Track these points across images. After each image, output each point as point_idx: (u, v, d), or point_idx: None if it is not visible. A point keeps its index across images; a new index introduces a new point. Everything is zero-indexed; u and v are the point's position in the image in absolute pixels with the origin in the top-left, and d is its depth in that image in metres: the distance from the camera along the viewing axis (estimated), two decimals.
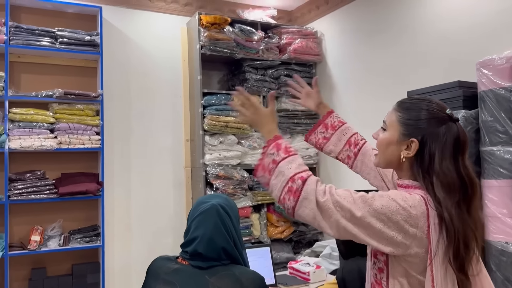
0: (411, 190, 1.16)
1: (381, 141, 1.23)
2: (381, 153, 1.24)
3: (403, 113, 1.20)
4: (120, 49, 3.70)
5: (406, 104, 1.22)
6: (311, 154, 3.99)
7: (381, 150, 1.23)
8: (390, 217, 1.07)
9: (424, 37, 3.03)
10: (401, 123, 1.20)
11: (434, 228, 1.08)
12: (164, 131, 3.86)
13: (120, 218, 3.63)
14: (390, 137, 1.21)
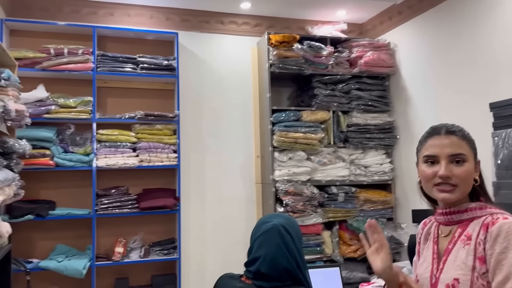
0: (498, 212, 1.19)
1: (467, 174, 1.21)
2: (464, 186, 1.22)
3: (469, 140, 1.26)
4: (194, 71, 3.90)
5: (463, 131, 1.27)
6: (385, 170, 3.85)
7: (464, 183, 1.22)
8: None
9: (504, 46, 2.81)
10: (472, 149, 1.25)
11: None
12: (236, 148, 3.96)
13: (196, 232, 3.77)
14: (472, 167, 1.23)
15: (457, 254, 1.20)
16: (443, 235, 1.29)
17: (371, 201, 3.75)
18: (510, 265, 1.07)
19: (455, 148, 1.22)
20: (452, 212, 1.25)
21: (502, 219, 1.14)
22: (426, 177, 1.26)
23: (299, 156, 3.56)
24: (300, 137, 3.54)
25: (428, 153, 1.26)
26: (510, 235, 1.09)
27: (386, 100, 3.92)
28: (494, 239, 1.12)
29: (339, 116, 3.78)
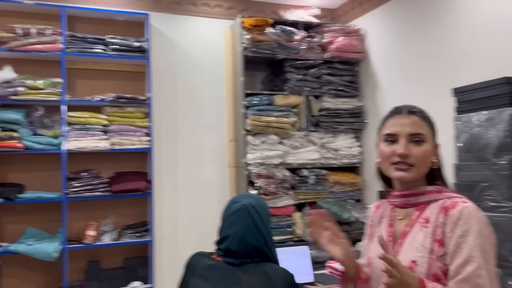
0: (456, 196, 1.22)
1: (425, 154, 1.21)
2: (420, 166, 1.22)
3: (429, 121, 1.28)
4: (166, 53, 3.87)
5: (423, 112, 1.29)
6: (354, 153, 3.95)
7: (421, 163, 1.22)
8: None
9: (471, 33, 2.92)
10: (432, 131, 1.26)
11: None
12: (209, 131, 3.98)
13: (169, 214, 3.80)
14: (430, 148, 1.24)
15: (414, 237, 1.19)
16: (399, 217, 1.28)
17: (341, 183, 3.86)
18: (470, 248, 1.08)
19: (415, 127, 1.23)
20: (409, 195, 1.24)
21: (462, 203, 1.16)
22: (385, 155, 1.25)
23: (272, 140, 3.62)
24: (273, 121, 3.58)
25: (389, 131, 1.26)
26: (470, 219, 1.11)
27: (356, 85, 4.01)
28: (454, 222, 1.12)
29: (311, 101, 3.84)
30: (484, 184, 2.38)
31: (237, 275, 1.39)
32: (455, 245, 1.10)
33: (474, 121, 2.50)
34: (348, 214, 3.70)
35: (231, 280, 1.38)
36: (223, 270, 1.42)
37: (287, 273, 1.39)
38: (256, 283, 1.36)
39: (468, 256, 1.08)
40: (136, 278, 3.44)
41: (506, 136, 2.30)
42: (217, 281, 1.40)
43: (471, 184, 2.44)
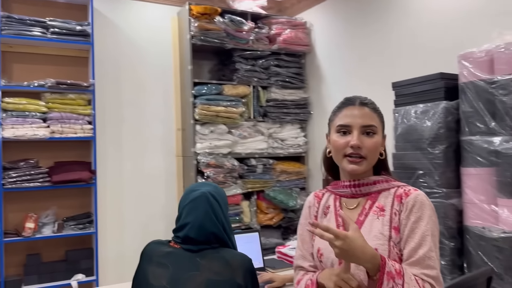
0: (404, 184, 1.28)
1: (376, 146, 1.25)
2: (371, 158, 1.25)
3: (379, 114, 1.30)
4: (111, 39, 3.74)
5: (374, 104, 1.31)
6: (300, 143, 4.08)
7: (372, 155, 1.25)
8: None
9: (409, 29, 3.11)
10: (382, 123, 1.30)
11: None
12: (156, 120, 3.92)
13: (113, 205, 3.71)
14: (380, 140, 1.27)
15: (371, 225, 1.22)
16: (350, 207, 1.29)
17: (287, 172, 3.97)
18: (422, 233, 1.15)
19: (367, 119, 1.25)
20: (360, 185, 1.27)
21: (413, 191, 1.22)
22: (338, 147, 1.26)
23: (221, 130, 3.64)
24: (222, 111, 3.60)
25: (342, 122, 1.26)
26: (423, 205, 1.18)
27: (302, 77, 4.12)
28: (409, 209, 1.18)
29: (259, 91, 3.90)
30: (420, 171, 2.56)
31: (195, 261, 1.41)
32: (409, 230, 1.17)
33: (411, 113, 2.67)
34: (293, 201, 3.82)
35: (190, 265, 1.40)
36: (181, 257, 1.43)
37: (245, 258, 1.43)
38: (215, 268, 1.39)
39: (421, 240, 1.14)
40: (79, 271, 3.34)
41: (439, 128, 2.48)
42: (176, 267, 1.41)
43: (408, 171, 2.62)
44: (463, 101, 2.42)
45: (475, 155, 2.34)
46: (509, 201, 2.15)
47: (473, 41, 2.56)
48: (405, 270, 1.12)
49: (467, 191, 2.39)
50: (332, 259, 1.25)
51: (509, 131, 2.18)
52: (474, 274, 1.63)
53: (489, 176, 2.28)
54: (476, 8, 2.66)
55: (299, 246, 1.42)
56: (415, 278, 1.11)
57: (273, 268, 2.37)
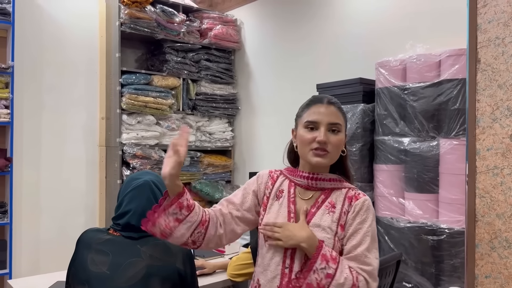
0: (354, 187, 1.41)
1: (339, 143, 1.34)
2: (334, 154, 1.35)
3: (344, 114, 1.39)
4: (33, 19, 3.52)
5: (339, 104, 1.39)
6: (227, 137, 4.18)
7: (336, 151, 1.35)
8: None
9: (333, 35, 3.36)
10: (345, 122, 1.40)
11: None
12: (78, 107, 3.77)
13: (29, 195, 3.51)
14: (343, 137, 1.37)
15: (321, 218, 1.32)
16: (303, 198, 1.38)
17: (214, 165, 4.05)
18: (364, 233, 1.28)
19: (333, 117, 1.34)
20: (317, 179, 1.36)
21: (362, 195, 1.35)
22: (305, 141, 1.34)
23: (148, 120, 3.61)
24: (150, 101, 3.57)
25: (310, 119, 1.34)
26: (368, 210, 1.32)
27: (231, 73, 4.22)
28: (357, 211, 1.31)
29: (189, 84, 3.93)
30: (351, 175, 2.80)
31: (136, 248, 1.44)
32: (353, 230, 1.30)
33: None
34: (219, 194, 3.91)
35: (131, 252, 1.43)
36: (122, 244, 1.45)
37: None
38: (156, 254, 1.44)
39: (361, 240, 1.28)
40: None
41: (357, 128, 2.74)
42: (116, 253, 1.43)
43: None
44: (378, 105, 2.69)
45: (387, 153, 2.62)
46: (415, 194, 2.45)
47: (389, 51, 2.85)
48: (342, 260, 1.25)
49: (378, 185, 2.67)
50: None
51: (416, 133, 2.48)
52: (386, 257, 1.86)
53: (398, 172, 2.57)
54: (393, 21, 2.95)
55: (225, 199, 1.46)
56: (350, 269, 1.23)
57: (202, 256, 2.45)
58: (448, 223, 2.31)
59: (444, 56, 2.41)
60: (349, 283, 1.20)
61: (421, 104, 2.45)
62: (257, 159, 4.02)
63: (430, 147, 2.42)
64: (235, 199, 1.44)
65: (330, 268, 1.20)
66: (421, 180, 2.43)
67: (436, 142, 2.41)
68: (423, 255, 2.38)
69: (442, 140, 2.38)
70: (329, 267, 1.20)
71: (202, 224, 1.32)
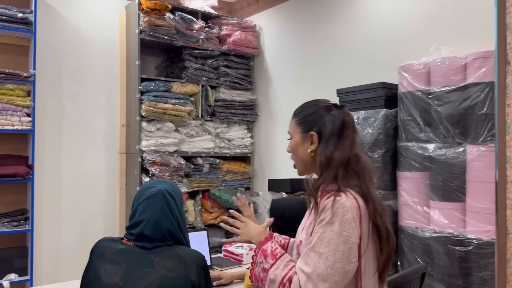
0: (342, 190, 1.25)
1: (292, 148, 1.39)
2: (296, 159, 1.39)
3: (297, 116, 1.41)
4: (54, 28, 3.57)
5: (298, 109, 1.43)
6: (246, 143, 4.14)
7: (294, 157, 1.39)
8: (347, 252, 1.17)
9: (353, 39, 3.29)
10: (298, 125, 1.39)
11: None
12: (98, 115, 3.80)
13: (50, 202, 3.54)
14: (296, 140, 1.38)
15: (307, 221, 1.36)
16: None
17: (233, 172, 4.02)
18: (315, 233, 1.21)
19: (289, 127, 1.44)
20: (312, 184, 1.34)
21: (332, 196, 1.22)
22: None
23: (168, 127, 3.60)
24: (170, 108, 3.57)
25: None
26: (328, 210, 1.20)
27: (250, 79, 4.19)
28: (320, 211, 1.23)
29: (208, 91, 3.91)
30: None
31: (149, 258, 1.40)
32: (312, 229, 1.25)
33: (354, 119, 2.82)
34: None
35: (144, 262, 1.40)
36: (135, 254, 1.42)
37: (199, 255, 1.45)
38: (169, 265, 1.40)
39: (311, 240, 1.21)
40: (12, 270, 3.15)
41: (379, 134, 2.65)
42: (129, 264, 1.40)
43: None
44: (401, 110, 2.61)
45: (411, 160, 2.52)
46: (440, 203, 2.35)
47: (412, 54, 2.76)
48: (284, 258, 1.26)
49: (402, 193, 2.57)
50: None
51: (442, 139, 2.38)
52: (410, 270, 1.77)
53: (422, 180, 2.47)
54: (416, 24, 2.86)
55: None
56: (291, 268, 1.22)
57: (220, 266, 2.40)
58: (476, 233, 2.20)
59: (470, 58, 2.31)
60: (278, 281, 1.21)
61: (447, 108, 2.36)
62: (276, 165, 3.96)
63: (456, 153, 2.32)
64: None
65: (266, 263, 1.26)
66: (447, 188, 2.33)
67: (462, 149, 2.30)
68: (449, 267, 2.27)
69: (469, 147, 2.28)
70: (266, 262, 1.26)
71: None
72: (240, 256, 2.49)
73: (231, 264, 2.46)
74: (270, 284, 1.24)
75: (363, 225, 1.20)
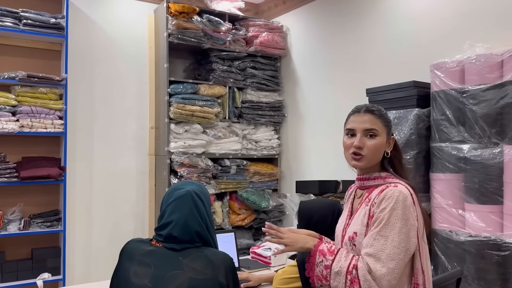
0: (396, 182, 1.42)
1: (376, 146, 1.44)
2: (372, 157, 1.44)
3: (384, 119, 1.47)
4: (85, 33, 3.66)
5: (379, 111, 1.48)
6: (273, 145, 4.12)
7: (373, 154, 1.44)
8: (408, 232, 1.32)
9: (383, 37, 3.21)
10: (385, 127, 1.47)
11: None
12: (128, 117, 3.86)
13: (82, 203, 3.62)
14: (382, 141, 1.45)
15: (360, 213, 1.43)
16: (357, 197, 1.53)
17: (260, 173, 4.00)
18: (380, 220, 1.32)
19: (369, 124, 1.44)
20: (363, 179, 1.48)
21: (392, 187, 1.37)
22: (345, 147, 1.48)
23: (195, 129, 3.62)
24: (197, 110, 3.58)
25: (349, 126, 1.48)
26: (391, 198, 1.34)
27: (277, 80, 4.16)
28: (380, 201, 1.36)
29: (235, 92, 3.91)
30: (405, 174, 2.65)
31: (178, 260, 1.40)
32: (374, 219, 1.35)
33: None
34: (266, 203, 3.85)
35: (173, 264, 1.39)
36: (164, 255, 1.42)
37: (227, 257, 1.44)
38: (197, 267, 1.39)
39: (376, 227, 1.32)
40: (46, 270, 3.24)
41: (411, 134, 2.58)
42: (158, 266, 1.40)
43: None
44: (434, 109, 2.52)
45: (444, 161, 2.44)
46: (476, 206, 2.26)
47: (445, 52, 2.67)
48: (341, 251, 1.36)
49: (435, 195, 2.49)
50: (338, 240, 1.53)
51: (477, 139, 2.29)
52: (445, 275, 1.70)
53: (457, 181, 2.38)
54: (448, 20, 2.77)
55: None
56: (352, 257, 1.32)
57: (248, 268, 2.39)
58: None
59: (507, 55, 2.21)
60: (343, 271, 1.30)
61: (482, 107, 2.26)
62: (304, 167, 3.92)
63: (493, 154, 2.22)
64: None
65: (327, 260, 1.34)
66: (483, 190, 2.24)
67: (499, 149, 2.21)
68: (486, 272, 2.17)
69: (506, 147, 2.18)
70: (326, 260, 1.34)
71: None
72: (268, 258, 2.47)
73: (259, 267, 2.44)
74: (335, 277, 1.31)
75: (417, 208, 1.36)
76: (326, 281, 1.33)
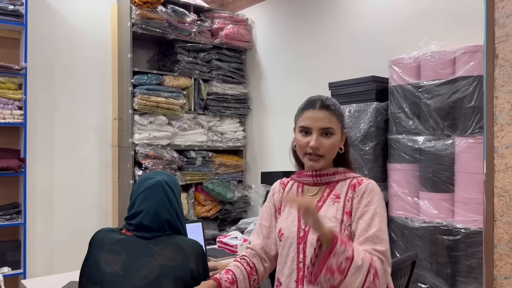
0: (359, 176, 1.44)
1: (333, 145, 1.40)
2: (329, 156, 1.42)
3: (338, 114, 1.44)
4: (46, 21, 3.55)
5: (334, 105, 1.44)
6: (239, 137, 4.17)
7: (330, 153, 1.41)
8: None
9: (345, 33, 3.32)
10: (340, 122, 1.44)
11: None
12: (90, 108, 3.79)
13: (43, 196, 3.54)
14: (338, 138, 1.43)
15: (327, 210, 1.38)
16: (310, 194, 1.46)
17: (225, 165, 4.04)
18: (372, 215, 1.31)
19: (326, 122, 1.39)
20: (321, 175, 1.44)
21: (366, 180, 1.39)
22: (300, 146, 1.44)
23: (160, 121, 3.61)
24: (162, 102, 3.57)
25: (303, 124, 1.43)
26: (373, 191, 1.35)
27: (242, 72, 4.21)
28: (361, 195, 1.35)
29: (200, 84, 3.92)
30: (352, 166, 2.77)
31: (149, 248, 1.43)
32: (360, 213, 1.33)
33: (346, 113, 2.86)
34: (231, 194, 3.91)
35: (144, 252, 1.42)
36: (135, 243, 1.45)
37: (197, 244, 1.48)
38: (169, 254, 1.43)
39: (370, 221, 1.31)
40: (5, 264, 3.16)
41: (370, 126, 2.70)
42: (129, 253, 1.42)
43: None
44: (392, 103, 2.66)
45: (401, 152, 2.58)
46: (430, 194, 2.41)
47: (403, 48, 2.80)
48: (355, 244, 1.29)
49: (392, 184, 2.63)
50: (291, 239, 1.42)
51: (431, 131, 2.44)
52: (401, 258, 1.83)
53: (412, 171, 2.53)
54: (406, 18, 2.91)
55: (258, 224, 1.59)
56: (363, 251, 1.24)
57: (215, 257, 2.44)
58: (464, 223, 2.26)
59: (459, 53, 2.36)
60: (366, 265, 1.19)
61: (436, 102, 2.41)
62: (269, 158, 4.00)
63: (445, 145, 2.38)
64: (264, 222, 1.56)
65: (348, 251, 1.16)
66: (436, 179, 2.39)
67: (451, 141, 2.36)
68: (438, 256, 2.34)
69: (457, 139, 2.34)
70: (347, 250, 1.16)
71: (252, 274, 1.49)
72: (235, 247, 2.54)
73: (225, 255, 2.50)
74: (355, 272, 1.16)
75: None
76: (341, 275, 1.15)
